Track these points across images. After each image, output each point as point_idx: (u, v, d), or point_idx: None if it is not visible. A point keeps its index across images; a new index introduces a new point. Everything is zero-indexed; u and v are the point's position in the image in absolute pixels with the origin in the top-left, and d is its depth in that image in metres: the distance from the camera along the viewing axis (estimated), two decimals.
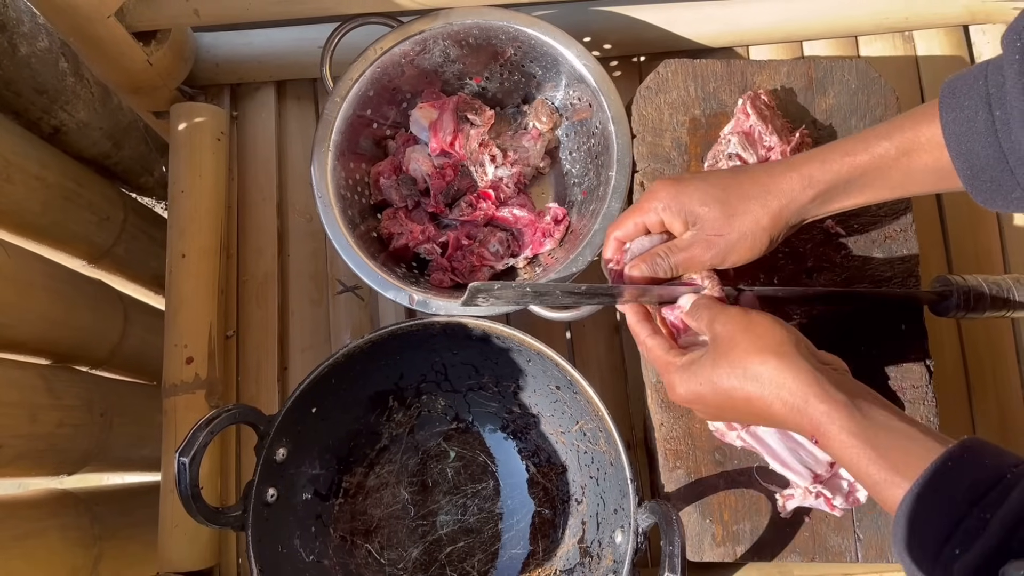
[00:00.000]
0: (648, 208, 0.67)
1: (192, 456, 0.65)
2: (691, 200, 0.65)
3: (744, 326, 0.59)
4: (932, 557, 0.46)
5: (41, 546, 0.93)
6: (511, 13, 0.85)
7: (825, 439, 0.54)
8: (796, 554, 0.74)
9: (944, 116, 0.58)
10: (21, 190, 0.98)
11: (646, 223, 0.68)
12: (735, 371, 0.58)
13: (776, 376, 0.56)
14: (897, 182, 0.62)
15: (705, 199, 0.65)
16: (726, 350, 0.59)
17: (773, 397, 0.56)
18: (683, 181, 0.67)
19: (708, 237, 0.65)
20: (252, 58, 1.00)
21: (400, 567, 0.83)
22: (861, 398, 0.55)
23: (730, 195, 0.65)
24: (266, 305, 0.96)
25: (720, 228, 0.65)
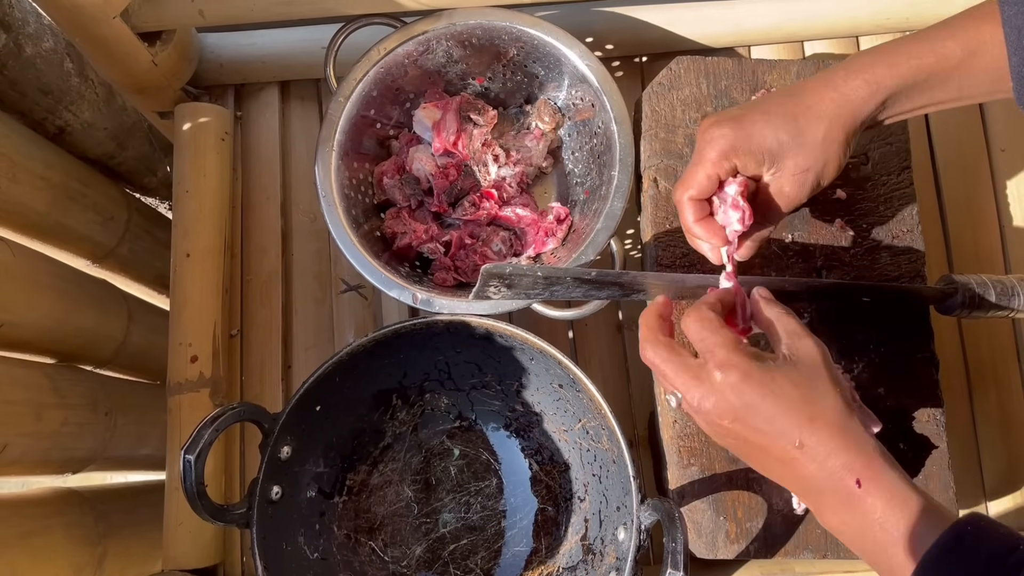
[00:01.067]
0: (718, 156, 0.61)
1: (197, 454, 0.66)
2: (763, 137, 0.60)
3: (829, 364, 0.56)
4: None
5: (46, 544, 0.94)
6: (514, 14, 0.86)
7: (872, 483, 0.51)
8: (808, 551, 0.74)
9: (1005, 9, 0.56)
10: (26, 190, 0.98)
11: (719, 174, 0.62)
12: (815, 399, 0.53)
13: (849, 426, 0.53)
14: (957, 85, 0.60)
15: (777, 132, 0.60)
16: (811, 376, 0.54)
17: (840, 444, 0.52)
18: (742, 118, 0.61)
19: (795, 176, 0.61)
20: (256, 58, 1.01)
21: (404, 564, 0.83)
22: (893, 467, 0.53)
23: (800, 121, 0.60)
24: (270, 304, 0.97)
25: (804, 162, 0.60)
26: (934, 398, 0.77)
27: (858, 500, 0.51)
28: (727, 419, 0.55)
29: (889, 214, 0.81)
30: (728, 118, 0.62)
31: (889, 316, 0.78)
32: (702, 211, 0.63)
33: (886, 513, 0.50)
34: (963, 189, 0.97)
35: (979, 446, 0.92)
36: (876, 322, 0.78)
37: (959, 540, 0.47)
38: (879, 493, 0.51)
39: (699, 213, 0.63)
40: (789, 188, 0.62)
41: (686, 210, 0.64)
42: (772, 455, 0.55)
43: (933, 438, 0.76)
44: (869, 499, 0.51)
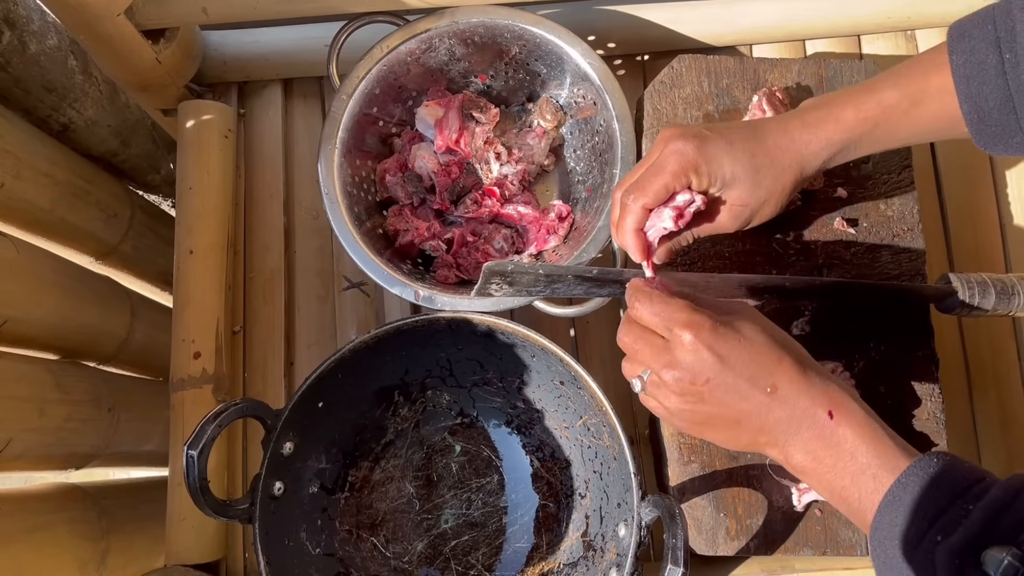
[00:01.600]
0: (679, 170, 0.62)
1: (200, 449, 0.66)
2: (721, 163, 0.63)
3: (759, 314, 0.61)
4: (914, 544, 0.47)
5: (50, 539, 0.95)
6: (516, 12, 0.86)
7: (846, 415, 0.55)
8: (808, 548, 0.74)
9: (954, 60, 0.59)
10: (30, 187, 0.98)
11: (676, 187, 0.63)
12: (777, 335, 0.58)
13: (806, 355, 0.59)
14: (905, 133, 0.64)
15: (734, 165, 0.63)
16: (764, 324, 0.59)
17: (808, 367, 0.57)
18: (708, 139, 0.63)
19: (734, 206, 0.65)
20: (259, 56, 1.01)
21: (405, 560, 0.84)
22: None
23: (758, 161, 0.63)
24: (273, 301, 0.97)
25: (747, 197, 0.64)
26: (934, 396, 0.77)
27: (830, 431, 0.55)
28: (701, 379, 0.56)
29: (890, 213, 0.81)
30: (693, 135, 0.63)
31: (889, 314, 0.78)
32: (644, 219, 0.65)
33: (856, 443, 0.54)
34: (964, 188, 0.98)
35: (979, 444, 0.92)
36: (876, 320, 0.78)
37: (926, 470, 0.49)
38: (849, 423, 0.54)
39: (642, 221, 0.65)
40: (724, 215, 0.65)
41: (630, 215, 0.64)
42: (743, 411, 0.56)
43: (933, 436, 0.76)
44: (840, 429, 0.54)
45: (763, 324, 0.59)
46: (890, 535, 0.49)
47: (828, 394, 0.56)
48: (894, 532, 0.48)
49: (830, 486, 0.55)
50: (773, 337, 0.58)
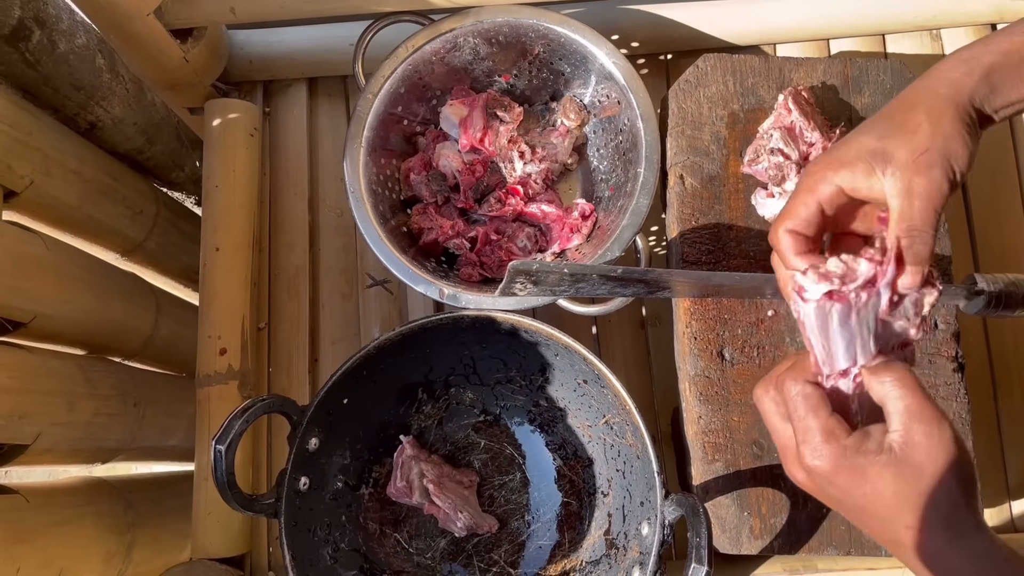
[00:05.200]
0: (816, 181, 0.54)
1: (228, 444, 0.67)
2: (863, 142, 0.53)
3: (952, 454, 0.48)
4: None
5: (77, 532, 0.96)
6: (540, 11, 0.86)
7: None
8: (832, 547, 0.74)
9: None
10: (59, 184, 1.00)
11: (819, 200, 0.54)
12: (920, 501, 0.48)
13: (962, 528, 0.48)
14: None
15: (878, 132, 0.53)
16: (919, 473, 0.48)
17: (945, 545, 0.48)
18: (838, 143, 0.55)
19: (915, 162, 0.51)
20: (285, 55, 1.02)
21: (428, 556, 0.84)
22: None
23: (897, 113, 0.54)
24: (297, 298, 0.98)
25: (918, 144, 0.52)
26: (959, 397, 0.77)
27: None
28: (815, 494, 0.53)
29: None
30: (826, 150, 0.56)
31: None
32: (801, 244, 0.55)
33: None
34: (989, 187, 0.97)
35: (1003, 445, 0.92)
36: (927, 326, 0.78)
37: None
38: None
39: (798, 245, 0.54)
40: (919, 179, 0.51)
41: (783, 245, 0.54)
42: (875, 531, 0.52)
43: None
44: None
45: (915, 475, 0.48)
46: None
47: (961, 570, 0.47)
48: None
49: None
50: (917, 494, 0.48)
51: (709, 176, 0.82)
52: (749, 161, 0.81)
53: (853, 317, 0.52)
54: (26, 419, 0.87)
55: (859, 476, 0.49)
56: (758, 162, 0.80)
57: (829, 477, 0.50)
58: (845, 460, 0.49)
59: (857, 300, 0.52)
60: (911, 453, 0.48)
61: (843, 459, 0.49)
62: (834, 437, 0.50)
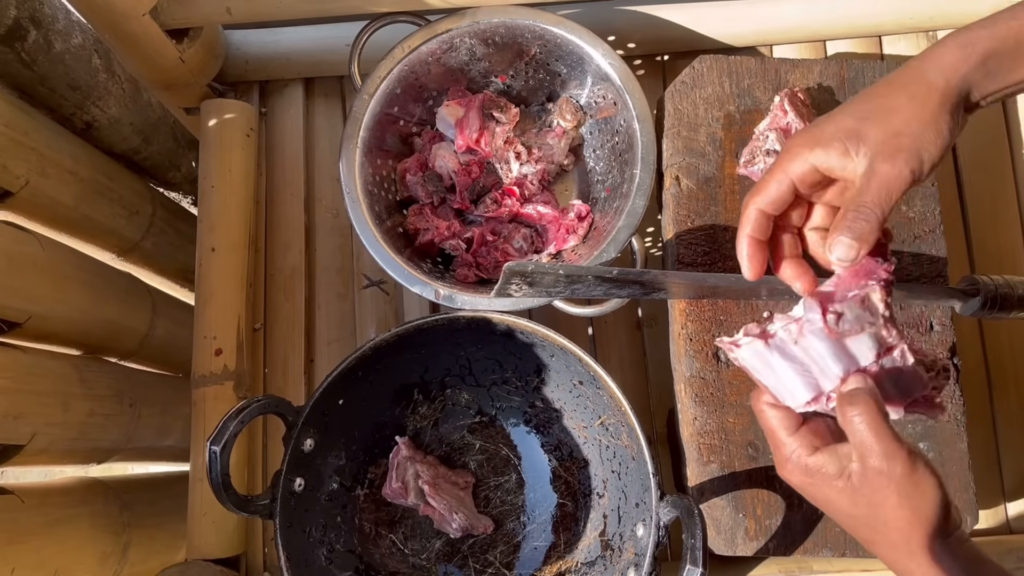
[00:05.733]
0: (791, 157, 0.53)
1: (223, 445, 0.67)
2: (842, 121, 0.53)
3: (910, 486, 0.49)
4: None
5: (72, 533, 0.96)
6: (537, 12, 0.86)
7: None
8: (827, 549, 0.74)
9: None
10: (55, 184, 1.00)
11: (791, 177, 0.54)
12: (876, 523, 0.51)
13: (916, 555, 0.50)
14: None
15: (858, 112, 0.52)
16: (871, 502, 0.51)
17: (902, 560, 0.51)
18: (819, 120, 0.55)
19: (886, 145, 0.51)
20: (281, 55, 1.02)
21: (423, 557, 0.84)
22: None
23: (881, 95, 0.53)
24: (293, 298, 0.98)
25: (894, 128, 0.51)
26: (955, 399, 0.77)
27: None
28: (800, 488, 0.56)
29: (911, 214, 0.81)
30: (807, 126, 0.56)
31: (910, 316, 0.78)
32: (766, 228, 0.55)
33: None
34: (986, 189, 0.97)
35: (999, 447, 0.92)
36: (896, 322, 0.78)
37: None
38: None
39: (762, 229, 0.55)
40: (884, 165, 0.51)
41: (747, 221, 0.55)
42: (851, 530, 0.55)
43: (953, 438, 0.76)
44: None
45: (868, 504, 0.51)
46: None
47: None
48: None
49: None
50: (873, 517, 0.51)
51: (705, 177, 0.82)
52: (745, 162, 0.81)
53: (793, 348, 0.53)
54: (21, 419, 0.87)
55: (823, 493, 0.53)
56: (754, 163, 0.80)
57: (800, 488, 0.55)
58: (809, 479, 0.53)
59: (788, 332, 0.53)
60: (864, 485, 0.51)
61: (808, 477, 0.53)
62: (797, 455, 0.54)
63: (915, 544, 0.50)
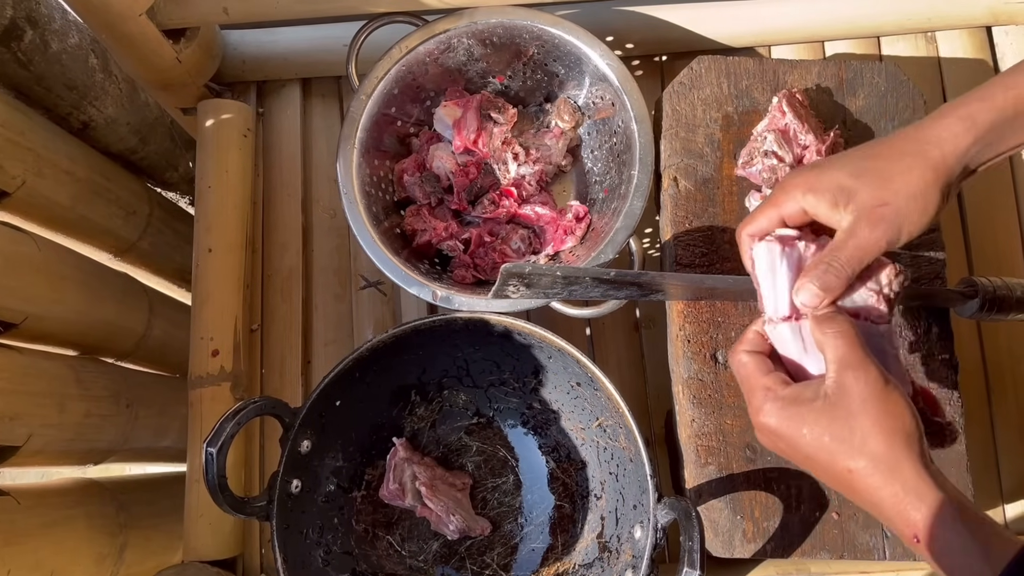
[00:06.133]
0: (785, 197, 0.58)
1: (219, 447, 0.67)
2: (837, 174, 0.56)
3: (879, 395, 0.51)
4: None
5: (68, 534, 0.95)
6: (535, 12, 0.86)
7: (931, 544, 0.49)
8: (825, 551, 0.74)
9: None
10: (51, 184, 0.99)
11: (782, 214, 0.58)
12: (852, 439, 0.51)
13: (895, 464, 0.50)
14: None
15: (854, 169, 0.56)
16: (849, 412, 0.51)
17: (883, 483, 0.50)
18: (820, 163, 0.59)
19: (871, 211, 0.54)
20: (278, 56, 1.02)
21: (420, 559, 0.84)
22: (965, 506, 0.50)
23: (881, 157, 0.56)
24: (290, 299, 0.98)
25: (882, 196, 0.54)
26: (953, 401, 0.77)
27: (921, 551, 0.50)
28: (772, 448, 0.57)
29: None
30: (807, 166, 0.59)
31: (909, 318, 0.78)
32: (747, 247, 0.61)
33: (948, 559, 0.49)
34: (984, 192, 0.97)
35: (997, 448, 0.92)
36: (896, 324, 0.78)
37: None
38: (941, 551, 0.49)
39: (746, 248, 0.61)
40: (864, 229, 0.55)
41: (743, 250, 0.61)
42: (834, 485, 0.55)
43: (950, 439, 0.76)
44: (930, 552, 0.49)
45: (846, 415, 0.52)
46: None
47: (912, 519, 0.50)
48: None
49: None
50: (851, 432, 0.51)
51: (703, 178, 0.82)
52: (743, 164, 0.81)
53: (802, 261, 0.58)
54: (17, 420, 0.86)
55: (799, 423, 0.53)
56: (752, 164, 0.80)
57: (777, 431, 0.54)
58: (785, 411, 0.54)
59: (807, 248, 0.58)
60: (842, 397, 0.52)
61: (783, 411, 0.54)
62: (772, 392, 0.55)
63: (900, 453, 0.50)
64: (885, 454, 0.51)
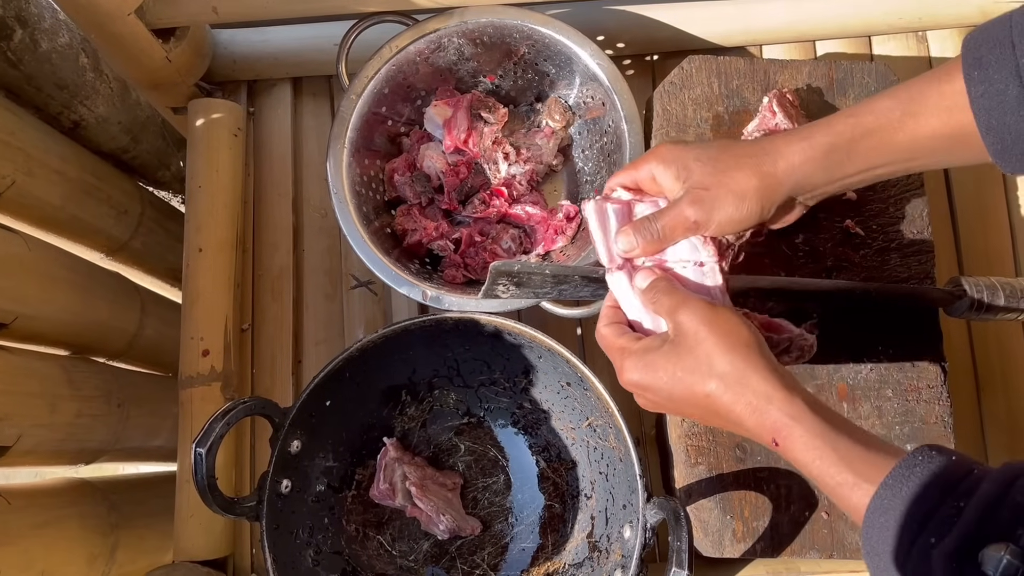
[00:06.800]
0: (643, 162, 0.65)
1: (208, 447, 0.67)
2: (688, 154, 0.62)
3: (710, 320, 0.56)
4: (906, 550, 0.45)
5: (60, 534, 0.95)
6: (525, 12, 0.86)
7: (788, 441, 0.53)
8: (814, 550, 0.74)
9: (972, 91, 0.55)
10: (42, 184, 0.99)
11: (636, 178, 0.65)
12: (700, 367, 0.55)
13: (742, 376, 0.54)
14: (903, 148, 0.59)
15: (699, 156, 0.62)
16: (691, 344, 0.56)
17: (735, 397, 0.54)
18: (685, 142, 0.65)
19: (694, 191, 0.61)
20: (269, 55, 1.02)
21: (411, 559, 0.84)
22: (820, 404, 0.54)
23: (724, 153, 0.62)
24: (281, 299, 0.98)
25: (707, 182, 0.61)
26: (942, 400, 0.77)
27: (786, 454, 0.54)
28: (650, 406, 0.62)
29: (900, 215, 0.81)
30: (676, 140, 0.68)
31: (898, 317, 0.78)
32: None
33: (817, 465, 0.52)
34: (974, 191, 0.97)
35: (987, 448, 0.92)
36: (885, 323, 0.78)
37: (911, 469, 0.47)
38: (802, 449, 0.52)
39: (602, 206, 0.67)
40: (685, 205, 0.61)
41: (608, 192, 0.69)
42: (700, 416, 0.59)
43: (940, 439, 0.76)
44: (794, 455, 0.53)
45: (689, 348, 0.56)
46: (881, 540, 0.47)
47: (766, 422, 0.53)
48: (885, 537, 0.46)
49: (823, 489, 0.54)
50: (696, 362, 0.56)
51: None
52: None
53: (628, 218, 0.64)
54: (7, 420, 0.86)
55: (654, 369, 0.57)
56: None
57: (640, 383, 0.59)
58: (640, 361, 0.58)
59: (645, 209, 0.64)
60: (681, 334, 0.57)
61: (639, 361, 0.58)
62: (626, 350, 0.60)
63: (744, 364, 0.54)
64: (730, 370, 0.55)
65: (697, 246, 0.63)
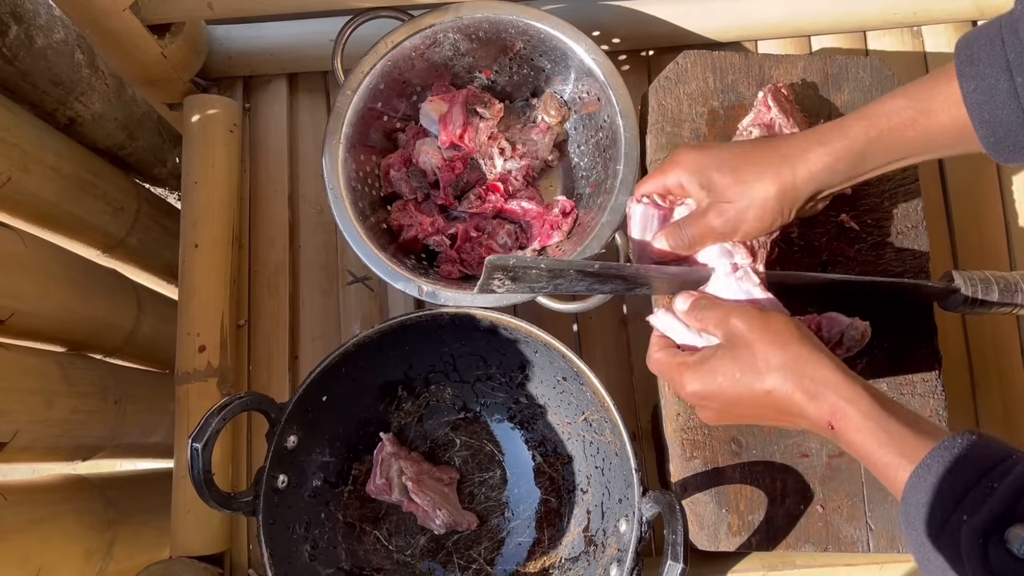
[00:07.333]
0: (669, 171, 0.69)
1: (205, 442, 0.67)
2: (708, 165, 0.66)
3: (760, 321, 0.59)
4: (940, 525, 0.47)
5: (57, 530, 0.95)
6: (521, 7, 0.86)
7: (843, 422, 0.55)
8: (810, 544, 0.75)
9: (964, 86, 0.57)
10: (37, 180, 0.99)
11: (666, 184, 0.69)
12: (757, 365, 0.57)
13: (796, 365, 0.56)
14: (916, 144, 0.62)
15: (721, 165, 0.66)
16: (745, 345, 0.58)
17: (794, 386, 0.56)
18: (705, 148, 0.68)
19: (719, 204, 0.65)
20: (264, 51, 1.01)
21: (408, 554, 0.84)
22: (873, 387, 0.56)
23: (744, 162, 0.65)
24: (277, 295, 0.98)
25: (730, 194, 0.65)
26: (936, 394, 0.77)
27: (839, 439, 0.56)
28: (713, 419, 0.64)
29: (894, 210, 0.81)
30: (696, 146, 0.69)
31: (893, 312, 0.78)
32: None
33: (868, 446, 0.54)
34: (969, 185, 0.97)
35: None
36: (880, 317, 0.78)
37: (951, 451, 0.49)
38: (855, 431, 0.54)
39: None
40: (711, 215, 0.66)
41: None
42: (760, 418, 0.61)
43: None
44: (847, 437, 0.55)
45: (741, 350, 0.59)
46: (917, 516, 0.49)
47: (824, 407, 0.55)
48: (921, 513, 0.48)
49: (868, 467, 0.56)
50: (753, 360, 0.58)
51: None
52: None
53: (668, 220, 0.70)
54: (3, 416, 0.86)
55: (713, 376, 0.59)
56: None
57: (702, 393, 0.60)
58: (698, 372, 0.60)
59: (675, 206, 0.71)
60: (734, 338, 0.59)
61: (697, 372, 0.60)
62: (684, 364, 0.62)
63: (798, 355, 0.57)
64: (786, 361, 0.57)
65: (730, 249, 0.68)
